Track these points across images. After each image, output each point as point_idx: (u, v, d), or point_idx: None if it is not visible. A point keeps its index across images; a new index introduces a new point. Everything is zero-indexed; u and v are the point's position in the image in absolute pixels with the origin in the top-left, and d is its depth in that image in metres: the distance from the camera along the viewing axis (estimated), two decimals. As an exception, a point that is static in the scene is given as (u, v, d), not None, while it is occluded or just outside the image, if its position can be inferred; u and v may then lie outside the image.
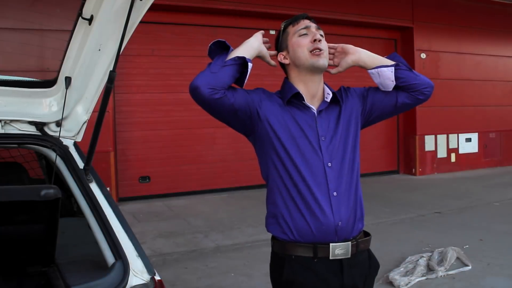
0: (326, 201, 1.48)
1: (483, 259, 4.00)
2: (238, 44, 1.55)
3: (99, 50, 1.70)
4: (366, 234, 1.60)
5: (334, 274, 1.48)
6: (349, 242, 1.49)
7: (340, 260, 1.49)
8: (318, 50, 1.53)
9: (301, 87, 1.56)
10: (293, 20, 1.60)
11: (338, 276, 1.49)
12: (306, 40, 1.55)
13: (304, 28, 1.56)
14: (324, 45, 1.56)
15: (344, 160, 1.53)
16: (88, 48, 1.70)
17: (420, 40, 8.93)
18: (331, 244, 1.47)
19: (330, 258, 1.47)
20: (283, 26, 1.62)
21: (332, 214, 1.47)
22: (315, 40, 1.53)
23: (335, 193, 1.49)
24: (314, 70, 1.55)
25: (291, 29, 1.59)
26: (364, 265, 1.56)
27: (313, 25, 1.58)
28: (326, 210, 1.47)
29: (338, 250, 1.48)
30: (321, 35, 1.57)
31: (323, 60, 1.54)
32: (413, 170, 9.01)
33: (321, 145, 1.51)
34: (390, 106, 1.63)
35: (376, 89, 1.64)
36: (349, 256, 1.49)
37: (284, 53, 1.60)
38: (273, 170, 1.54)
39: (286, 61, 1.60)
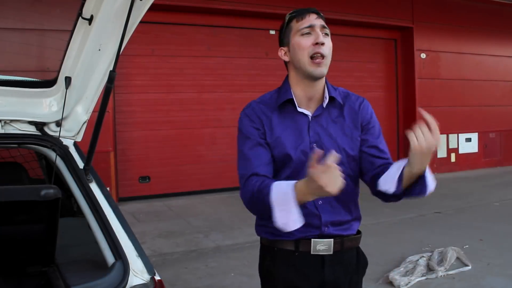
0: (312, 209, 1.45)
1: (483, 259, 4.00)
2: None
3: (99, 50, 1.69)
4: (357, 232, 1.56)
5: (315, 270, 1.47)
6: (332, 239, 1.46)
7: (322, 256, 1.46)
8: (319, 56, 1.42)
9: (297, 89, 1.49)
10: (298, 14, 1.46)
11: (319, 272, 1.47)
12: (308, 41, 1.42)
13: (308, 27, 1.43)
14: (327, 49, 1.43)
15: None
16: (88, 48, 1.70)
17: (420, 40, 8.92)
18: (312, 240, 1.45)
19: (312, 253, 1.45)
20: (287, 19, 1.50)
21: (318, 221, 1.45)
22: (317, 44, 1.41)
23: (320, 202, 1.46)
24: (312, 78, 1.45)
25: (295, 25, 1.46)
26: (351, 263, 1.53)
27: (318, 24, 1.44)
28: (311, 218, 1.43)
29: (320, 246, 1.45)
30: (326, 34, 1.45)
31: (322, 70, 1.43)
32: (413, 170, 8.99)
33: (310, 152, 1.43)
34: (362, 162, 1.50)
35: (371, 145, 1.51)
36: (331, 252, 1.47)
37: (285, 48, 1.50)
38: None
39: (286, 58, 1.51)
